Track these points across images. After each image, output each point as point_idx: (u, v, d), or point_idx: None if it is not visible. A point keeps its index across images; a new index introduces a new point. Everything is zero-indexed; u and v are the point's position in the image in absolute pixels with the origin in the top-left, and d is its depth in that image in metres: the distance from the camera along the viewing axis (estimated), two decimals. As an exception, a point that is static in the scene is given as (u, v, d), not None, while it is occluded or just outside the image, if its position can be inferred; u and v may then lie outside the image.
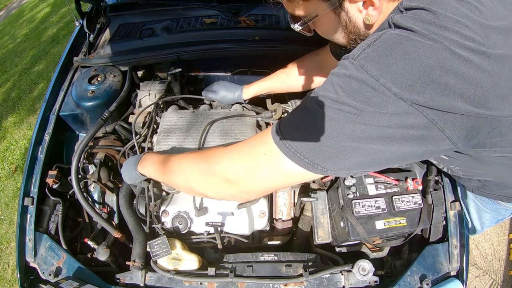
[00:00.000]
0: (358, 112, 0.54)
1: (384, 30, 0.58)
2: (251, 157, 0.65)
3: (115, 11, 1.66)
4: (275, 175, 0.63)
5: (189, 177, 0.76)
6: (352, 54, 0.57)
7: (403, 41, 0.53)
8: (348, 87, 0.55)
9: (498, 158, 0.70)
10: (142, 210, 1.09)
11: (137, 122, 1.26)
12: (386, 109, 0.52)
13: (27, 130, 3.20)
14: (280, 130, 0.61)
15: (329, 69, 1.12)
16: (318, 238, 1.06)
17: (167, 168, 0.81)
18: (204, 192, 0.75)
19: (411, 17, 0.56)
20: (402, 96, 0.51)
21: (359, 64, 0.54)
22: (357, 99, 0.54)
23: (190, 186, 0.77)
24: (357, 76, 0.54)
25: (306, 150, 0.58)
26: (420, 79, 0.51)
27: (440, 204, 1.05)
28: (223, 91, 1.24)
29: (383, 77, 0.52)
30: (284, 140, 0.59)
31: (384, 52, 0.53)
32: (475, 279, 1.84)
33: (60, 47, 4.33)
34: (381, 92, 0.52)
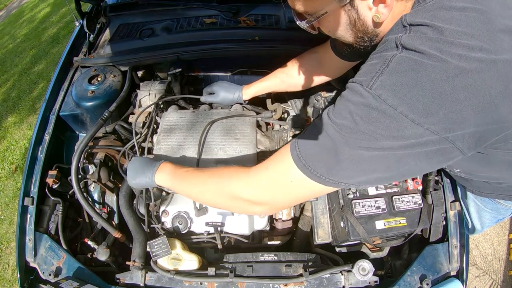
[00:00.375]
0: (376, 138, 0.58)
1: (393, 52, 0.58)
2: (277, 183, 0.69)
3: (115, 11, 1.66)
4: (301, 196, 0.70)
5: (216, 199, 0.80)
6: (365, 80, 0.59)
7: (414, 66, 0.55)
8: (367, 117, 0.58)
9: (501, 159, 0.71)
10: (142, 210, 1.09)
11: (137, 122, 1.27)
12: (403, 133, 0.56)
13: (27, 130, 3.20)
14: (303, 157, 0.64)
15: (329, 67, 1.13)
16: (318, 238, 1.06)
17: (191, 184, 0.83)
18: (229, 210, 0.82)
19: (419, 36, 0.57)
20: (419, 122, 0.55)
21: (377, 94, 0.57)
22: (376, 127, 0.57)
23: (215, 204, 0.83)
24: (376, 106, 0.57)
25: (331, 174, 0.63)
26: (434, 102, 0.54)
27: (440, 204, 1.05)
28: (223, 92, 1.23)
29: (400, 106, 0.55)
30: (308, 166, 0.64)
31: (399, 80, 0.56)
32: (475, 279, 1.84)
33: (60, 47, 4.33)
34: (399, 119, 0.55)
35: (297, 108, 1.34)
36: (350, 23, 0.69)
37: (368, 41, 0.72)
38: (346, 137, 0.60)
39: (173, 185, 0.88)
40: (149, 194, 1.04)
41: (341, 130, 0.60)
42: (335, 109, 0.63)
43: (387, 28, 0.68)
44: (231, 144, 1.10)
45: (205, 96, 1.27)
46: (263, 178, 0.71)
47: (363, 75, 0.61)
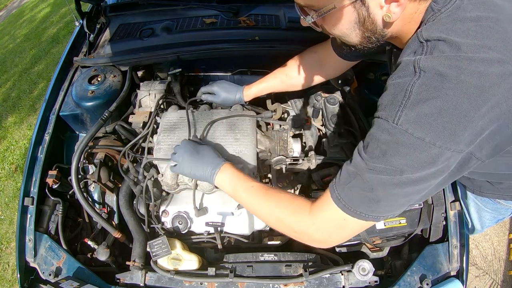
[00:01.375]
0: (409, 171, 0.60)
1: (412, 79, 0.59)
2: (334, 225, 0.73)
3: (115, 11, 1.66)
4: (353, 232, 0.74)
5: (281, 227, 0.82)
6: (390, 116, 0.59)
7: (434, 94, 0.56)
8: (397, 153, 0.60)
9: (505, 159, 0.72)
10: (142, 210, 1.09)
11: (137, 122, 1.27)
12: (434, 161, 0.58)
13: (27, 130, 3.20)
14: (344, 200, 0.68)
15: (329, 66, 1.13)
16: (318, 238, 1.05)
17: (253, 198, 0.85)
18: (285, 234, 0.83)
19: (436, 57, 0.58)
20: (447, 147, 0.57)
21: (403, 129, 0.58)
22: (408, 160, 0.59)
23: (271, 225, 0.86)
24: (404, 142, 0.58)
25: (371, 212, 0.66)
26: (460, 126, 0.55)
27: (440, 204, 1.05)
28: (224, 94, 1.22)
29: (428, 136, 0.57)
30: (350, 208, 0.67)
31: (422, 111, 0.57)
32: (475, 279, 1.84)
33: (60, 47, 4.33)
34: (428, 149, 0.57)
35: (297, 108, 1.34)
36: (359, 21, 0.65)
37: (375, 42, 0.70)
38: (379, 176, 0.62)
39: (234, 195, 0.88)
40: (149, 194, 1.04)
41: (374, 169, 0.62)
42: (366, 149, 0.64)
43: (395, 30, 0.67)
44: (231, 144, 1.10)
45: (206, 96, 1.26)
46: (321, 219, 0.74)
47: (386, 109, 0.61)
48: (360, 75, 1.40)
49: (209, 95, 1.26)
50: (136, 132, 1.27)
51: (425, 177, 0.60)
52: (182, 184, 1.09)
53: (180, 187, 1.10)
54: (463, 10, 0.58)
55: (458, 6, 0.59)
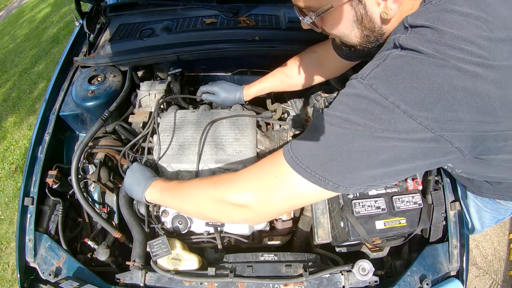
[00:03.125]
0: (367, 129, 0.55)
1: (392, 50, 0.58)
2: (262, 181, 0.64)
3: (115, 11, 1.66)
4: (287, 195, 0.63)
5: (200, 204, 0.75)
6: (360, 73, 0.58)
7: (411, 61, 0.54)
8: (357, 106, 0.56)
9: (503, 161, 0.71)
10: (142, 210, 1.09)
11: (137, 122, 1.27)
12: (395, 126, 0.54)
13: (27, 130, 3.20)
14: (292, 149, 0.61)
15: (328, 66, 1.13)
16: (318, 238, 1.06)
17: (177, 195, 0.81)
18: (217, 218, 0.74)
19: (417, 37, 0.56)
20: (412, 114, 0.53)
21: (368, 84, 0.55)
22: (367, 117, 0.55)
23: (202, 213, 0.78)
24: (366, 95, 0.55)
25: (317, 166, 0.58)
26: (429, 97, 0.52)
27: (440, 204, 1.05)
28: (224, 94, 1.23)
29: (392, 95, 0.53)
30: (295, 158, 0.60)
31: (393, 72, 0.54)
32: (475, 279, 1.84)
33: (60, 47, 4.33)
34: (390, 110, 0.53)
35: (297, 108, 1.34)
36: (357, 20, 0.65)
37: (374, 41, 0.70)
38: (336, 127, 0.58)
39: (162, 200, 0.87)
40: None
41: (332, 120, 0.59)
42: (331, 104, 0.62)
43: (393, 27, 0.67)
44: (231, 144, 1.10)
45: (206, 95, 1.27)
46: (249, 174, 0.67)
47: (361, 71, 0.60)
48: (360, 75, 1.40)
49: (209, 94, 1.26)
50: (136, 132, 1.27)
51: (385, 140, 0.55)
52: (182, 184, 1.09)
53: (180, 187, 1.10)
54: (453, 3, 0.57)
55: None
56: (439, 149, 0.56)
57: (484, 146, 0.59)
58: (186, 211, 0.86)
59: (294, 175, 0.60)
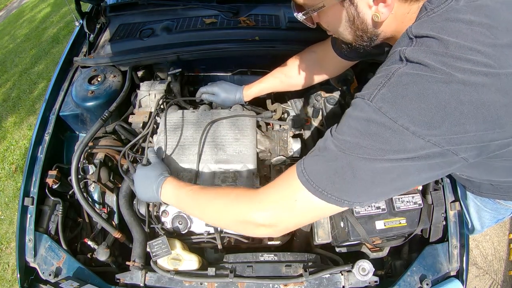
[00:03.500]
0: (378, 152, 0.57)
1: (397, 66, 0.57)
2: (283, 204, 0.67)
3: (115, 11, 1.66)
4: (306, 214, 0.68)
5: (221, 219, 0.79)
6: (367, 94, 0.58)
7: (417, 80, 0.54)
8: (367, 131, 0.57)
9: (504, 165, 0.71)
10: (142, 210, 1.09)
11: (137, 122, 1.27)
12: (405, 147, 0.55)
13: (27, 130, 3.20)
14: (306, 172, 0.63)
15: (328, 66, 1.13)
16: (318, 238, 1.06)
17: (196, 204, 0.82)
18: (239, 232, 0.81)
19: (423, 50, 0.56)
20: (420, 134, 0.54)
21: (376, 107, 0.56)
22: (377, 141, 0.56)
23: (222, 226, 0.85)
24: (375, 119, 0.56)
25: (333, 189, 0.61)
26: (437, 115, 0.53)
27: (440, 204, 1.05)
28: (224, 94, 1.23)
29: (401, 118, 0.54)
30: (311, 181, 0.63)
31: (400, 93, 0.54)
32: (475, 279, 1.84)
33: (60, 47, 4.33)
34: (399, 132, 0.54)
35: (297, 108, 1.34)
36: (349, 20, 0.67)
37: (368, 41, 0.71)
38: (347, 153, 0.59)
39: (178, 204, 0.87)
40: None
41: (342, 145, 0.60)
42: (338, 125, 0.63)
43: (388, 30, 0.68)
44: (231, 144, 1.10)
45: (206, 95, 1.27)
46: (268, 199, 0.70)
47: (366, 89, 0.60)
48: (360, 75, 1.40)
49: (209, 95, 1.26)
50: (136, 132, 1.27)
51: (394, 161, 0.56)
52: (182, 184, 1.09)
53: (180, 187, 1.10)
54: (457, 12, 0.57)
55: (452, 7, 0.58)
56: (445, 162, 0.58)
57: (488, 152, 0.59)
58: (204, 220, 0.91)
59: (312, 198, 0.63)
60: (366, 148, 0.57)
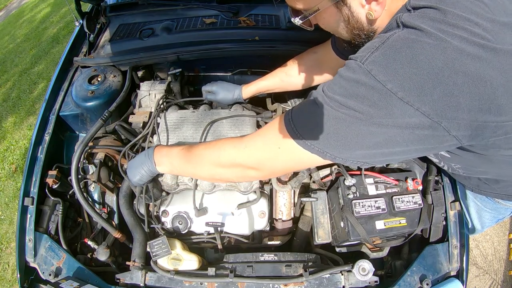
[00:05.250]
0: (364, 115, 0.56)
1: (393, 31, 0.57)
2: (267, 150, 0.71)
3: (115, 11, 1.66)
4: (289, 161, 0.71)
5: (213, 170, 0.82)
6: (360, 56, 0.58)
7: (411, 44, 0.53)
8: (355, 92, 0.57)
9: (501, 156, 0.71)
10: (142, 210, 1.09)
11: (137, 122, 1.27)
12: (392, 112, 0.54)
13: (27, 130, 3.20)
14: (293, 121, 0.65)
15: (328, 66, 1.13)
16: (318, 238, 1.06)
17: (189, 162, 0.85)
18: (230, 180, 0.84)
19: (420, 15, 0.56)
20: (409, 101, 0.52)
21: (367, 69, 0.55)
22: (364, 103, 0.56)
23: (215, 177, 0.86)
24: (364, 81, 0.55)
25: (317, 141, 0.63)
26: (428, 82, 0.51)
27: (440, 204, 1.05)
28: (223, 92, 1.24)
29: (390, 82, 0.53)
30: (296, 130, 0.64)
31: (392, 56, 0.54)
32: (475, 279, 1.84)
33: (60, 47, 4.33)
34: (388, 96, 0.53)
35: (297, 108, 1.34)
36: (345, 20, 0.69)
37: (365, 38, 0.71)
38: (335, 110, 0.60)
39: (172, 167, 0.89)
40: (149, 194, 1.04)
41: (331, 102, 0.60)
42: (329, 83, 0.63)
43: (384, 24, 0.68)
44: (231, 144, 1.10)
45: (205, 94, 1.27)
46: (255, 143, 0.73)
47: (360, 51, 0.60)
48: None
49: (208, 93, 1.27)
50: (136, 132, 1.27)
51: (380, 125, 0.56)
52: (182, 184, 1.09)
53: (180, 187, 1.10)
54: None
55: None
56: (436, 137, 0.56)
57: (483, 137, 0.58)
58: (200, 176, 0.93)
59: (296, 147, 0.65)
60: (353, 109, 0.57)
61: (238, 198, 1.09)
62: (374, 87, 0.54)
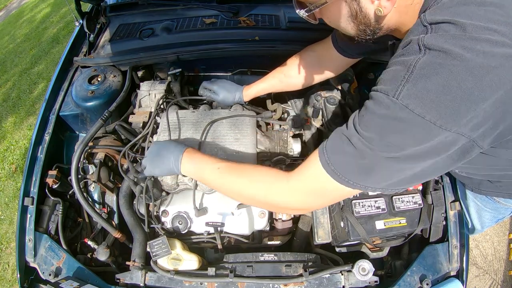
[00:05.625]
0: (403, 148, 0.58)
1: (416, 56, 0.57)
2: (313, 192, 0.72)
3: (115, 11, 1.66)
4: (332, 198, 0.75)
5: (248, 201, 0.86)
6: (390, 89, 0.58)
7: (439, 70, 0.54)
8: (394, 129, 0.58)
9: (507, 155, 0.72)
10: (142, 210, 1.09)
11: (137, 122, 1.27)
12: (431, 139, 0.56)
13: (27, 130, 3.20)
14: (333, 165, 0.66)
15: (329, 64, 1.12)
16: (318, 238, 1.06)
17: (223, 185, 0.85)
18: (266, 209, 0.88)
19: (441, 35, 0.56)
20: (447, 127, 0.54)
21: (403, 104, 0.56)
22: (404, 138, 0.57)
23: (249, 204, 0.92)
24: (403, 118, 0.56)
25: (359, 179, 0.65)
26: (462, 105, 0.53)
27: (440, 204, 1.05)
28: (224, 93, 1.23)
29: (428, 113, 0.54)
30: (340, 174, 0.65)
31: (425, 87, 0.55)
32: (475, 279, 1.84)
33: (60, 47, 4.32)
34: (427, 127, 0.55)
35: (297, 108, 1.34)
36: (352, 15, 0.67)
37: (371, 34, 0.71)
38: (373, 150, 0.60)
39: (201, 180, 0.89)
40: (149, 194, 1.04)
41: (369, 143, 0.60)
42: (361, 120, 0.62)
43: (392, 22, 0.68)
44: (231, 144, 1.10)
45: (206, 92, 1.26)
46: (297, 187, 0.73)
47: (387, 83, 0.59)
48: (360, 75, 1.40)
49: (209, 91, 1.25)
50: (136, 132, 1.27)
51: (420, 156, 0.58)
52: (182, 184, 1.09)
53: (180, 187, 1.10)
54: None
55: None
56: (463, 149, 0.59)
57: (502, 139, 0.61)
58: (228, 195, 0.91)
59: (339, 186, 0.67)
60: (393, 145, 0.58)
61: (238, 198, 1.09)
62: (414, 121, 0.55)
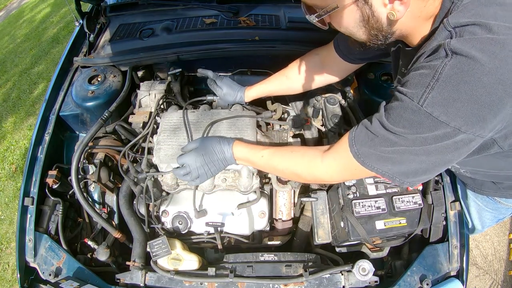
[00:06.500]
0: (429, 146, 0.61)
1: (441, 61, 0.57)
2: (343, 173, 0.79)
3: (115, 11, 1.66)
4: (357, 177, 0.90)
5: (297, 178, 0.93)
6: (416, 95, 0.58)
7: (466, 78, 0.54)
8: (419, 132, 0.60)
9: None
10: (142, 210, 1.09)
11: (137, 122, 1.27)
12: (454, 140, 0.58)
13: (27, 130, 3.20)
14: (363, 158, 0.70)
15: (331, 69, 1.12)
16: (318, 238, 1.06)
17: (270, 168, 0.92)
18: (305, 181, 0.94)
19: (468, 39, 0.56)
20: (472, 131, 0.56)
21: (428, 112, 0.57)
22: (429, 139, 0.60)
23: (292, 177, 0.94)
24: (428, 125, 0.58)
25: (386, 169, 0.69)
26: (491, 113, 0.54)
27: (440, 204, 1.05)
28: (227, 89, 1.22)
29: (453, 121, 0.56)
30: (369, 165, 0.70)
31: (451, 96, 0.55)
32: (475, 279, 1.84)
33: (60, 47, 4.32)
34: (451, 132, 0.57)
35: (297, 108, 1.34)
36: (363, 20, 0.65)
37: (383, 39, 0.69)
38: (400, 145, 0.63)
39: (251, 165, 0.97)
40: (149, 194, 1.04)
41: (395, 138, 0.63)
42: (389, 118, 0.64)
43: (404, 27, 0.67)
44: (231, 144, 1.10)
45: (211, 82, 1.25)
46: (332, 169, 0.79)
47: (413, 87, 0.59)
48: (360, 75, 1.40)
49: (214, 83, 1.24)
50: (136, 132, 1.27)
51: (443, 152, 0.61)
52: (182, 184, 1.09)
53: (180, 187, 1.10)
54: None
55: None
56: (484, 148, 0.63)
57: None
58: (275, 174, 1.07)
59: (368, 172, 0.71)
60: (418, 142, 0.61)
61: (238, 198, 1.09)
62: (438, 126, 0.57)
